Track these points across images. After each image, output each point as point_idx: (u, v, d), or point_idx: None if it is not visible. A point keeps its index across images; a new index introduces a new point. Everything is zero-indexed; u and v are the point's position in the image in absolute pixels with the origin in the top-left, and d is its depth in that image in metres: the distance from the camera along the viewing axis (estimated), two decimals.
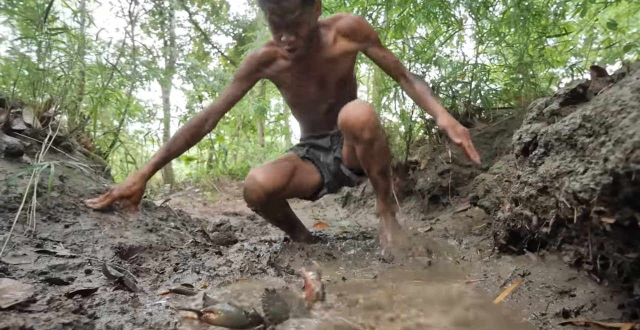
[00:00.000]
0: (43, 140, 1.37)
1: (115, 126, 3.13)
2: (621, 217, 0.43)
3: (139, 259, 1.14)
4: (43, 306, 0.53)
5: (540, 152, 0.59)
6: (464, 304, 0.81)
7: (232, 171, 6.45)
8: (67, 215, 1.19)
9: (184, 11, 7.52)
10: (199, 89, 7.60)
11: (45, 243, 0.93)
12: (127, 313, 0.62)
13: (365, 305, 0.79)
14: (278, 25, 1.14)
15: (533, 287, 0.77)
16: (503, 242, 1.03)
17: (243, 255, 1.36)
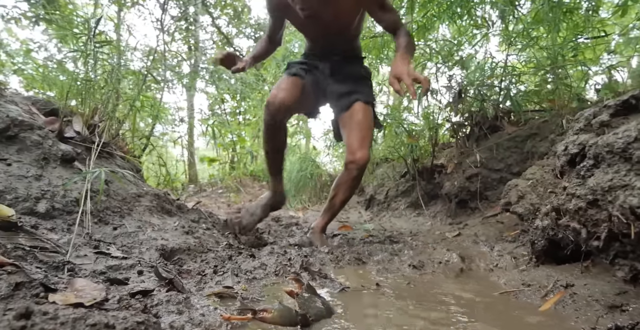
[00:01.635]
0: (90, 146, 1.46)
1: (148, 130, 3.28)
2: None
3: (180, 261, 1.20)
4: (115, 305, 0.58)
5: (590, 164, 0.58)
6: (507, 314, 0.81)
7: (254, 172, 6.57)
8: (114, 218, 1.27)
9: (207, 16, 7.73)
10: (221, 92, 7.79)
11: (100, 244, 1.00)
12: (183, 314, 0.67)
13: (404, 312, 0.80)
14: None
15: (579, 300, 0.76)
16: (542, 251, 1.02)
17: (275, 258, 1.41)
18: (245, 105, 8.44)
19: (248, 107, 8.44)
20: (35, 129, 1.23)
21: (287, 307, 0.67)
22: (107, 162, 1.73)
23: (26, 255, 0.70)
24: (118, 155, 2.07)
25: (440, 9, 2.51)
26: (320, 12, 1.44)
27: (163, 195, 1.84)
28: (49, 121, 1.46)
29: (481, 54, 2.40)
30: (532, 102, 2.00)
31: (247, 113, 8.87)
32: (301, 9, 1.41)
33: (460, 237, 1.74)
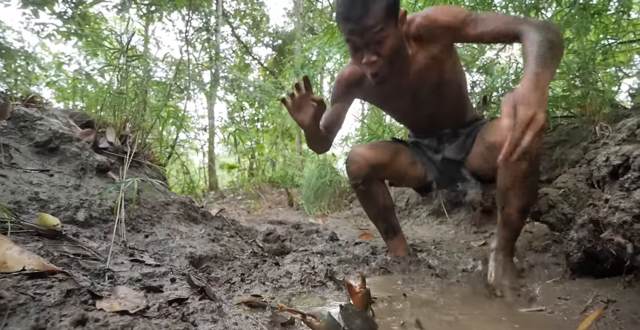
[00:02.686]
0: (122, 156, 1.53)
1: (172, 139, 3.39)
2: None
3: (208, 268, 1.23)
4: (156, 313, 0.60)
5: (635, 176, 0.57)
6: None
7: (272, 179, 6.66)
8: (145, 226, 1.32)
9: (227, 26, 7.99)
10: (240, 100, 7.98)
11: (134, 252, 1.04)
12: (217, 322, 0.69)
13: (429, 325, 0.79)
14: (357, 45, 1.02)
15: (622, 317, 0.72)
16: (577, 264, 0.98)
17: (299, 266, 1.41)
18: (263, 113, 8.60)
19: (266, 114, 8.60)
20: (74, 140, 1.31)
21: (335, 321, 0.67)
22: (137, 171, 1.81)
23: (71, 263, 0.74)
24: (146, 164, 2.15)
25: None
26: (396, 72, 1.12)
27: (189, 203, 1.89)
28: (85, 133, 1.54)
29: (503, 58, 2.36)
30: (560, 107, 1.94)
31: (265, 120, 9.03)
32: (372, 75, 1.08)
33: (486, 247, 1.69)
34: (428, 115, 1.30)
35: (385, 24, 0.98)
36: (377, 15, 0.96)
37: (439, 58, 1.13)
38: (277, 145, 8.33)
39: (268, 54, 8.84)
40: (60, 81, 5.38)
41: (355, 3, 0.97)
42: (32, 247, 0.72)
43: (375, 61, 1.02)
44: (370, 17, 0.96)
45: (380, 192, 1.37)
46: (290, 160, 7.25)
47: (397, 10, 1.02)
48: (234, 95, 7.43)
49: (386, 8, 0.98)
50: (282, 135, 8.54)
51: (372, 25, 0.97)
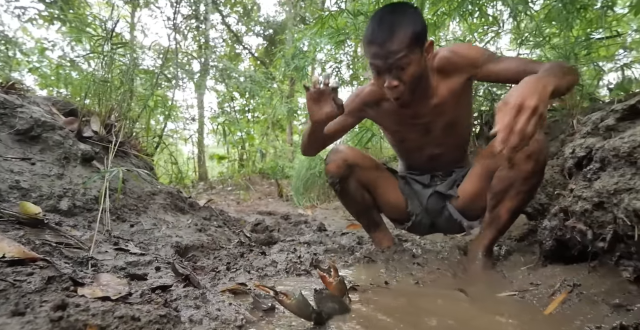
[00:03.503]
0: (107, 145, 1.52)
1: (159, 129, 3.35)
2: None
3: (194, 257, 1.24)
4: (138, 299, 0.62)
5: (596, 167, 0.60)
6: (511, 314, 0.82)
7: (262, 170, 6.65)
8: (131, 215, 1.32)
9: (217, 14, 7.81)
10: (231, 90, 7.88)
11: (119, 241, 1.05)
12: (200, 308, 0.70)
13: (408, 312, 0.82)
14: (380, 69, 1.03)
15: (585, 299, 0.77)
16: (550, 251, 1.03)
17: (285, 256, 1.44)
18: (254, 103, 8.52)
19: (257, 104, 8.52)
20: (56, 129, 1.29)
21: (306, 301, 0.70)
22: (123, 160, 1.79)
23: (53, 251, 0.75)
24: (133, 153, 2.13)
25: (451, 6, 2.49)
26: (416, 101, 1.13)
27: (176, 193, 1.89)
28: (69, 121, 1.51)
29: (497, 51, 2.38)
30: None
31: (256, 110, 8.95)
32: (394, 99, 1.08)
33: (468, 236, 1.74)
34: (431, 155, 1.32)
35: (410, 51, 0.99)
36: (402, 41, 0.97)
37: (458, 93, 1.14)
38: (268, 136, 8.30)
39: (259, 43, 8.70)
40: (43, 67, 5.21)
41: (382, 27, 0.98)
42: (12, 236, 0.72)
43: (396, 86, 1.03)
44: (395, 42, 0.97)
45: (359, 192, 1.36)
46: (281, 151, 7.24)
47: (423, 39, 1.03)
48: (223, 85, 7.32)
49: (412, 35, 0.98)
50: (273, 126, 8.50)
51: (396, 50, 0.98)
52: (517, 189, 1.06)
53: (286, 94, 7.14)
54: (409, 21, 0.99)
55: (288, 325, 0.72)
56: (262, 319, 0.76)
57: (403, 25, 0.97)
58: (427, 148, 1.31)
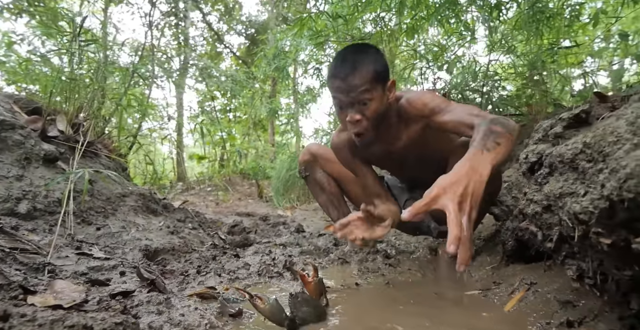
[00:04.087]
0: (74, 145, 1.46)
1: (134, 128, 3.25)
2: (617, 239, 0.47)
3: (163, 261, 1.22)
4: (95, 306, 0.60)
5: (545, 172, 0.63)
6: (474, 311, 0.86)
7: (243, 170, 6.57)
8: (98, 218, 1.28)
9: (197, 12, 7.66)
10: (211, 89, 7.75)
11: (82, 245, 1.01)
12: (163, 314, 0.69)
13: (377, 313, 0.84)
14: (342, 103, 1.04)
15: (539, 297, 0.81)
16: (511, 251, 1.07)
17: (259, 258, 1.43)
18: (235, 103, 8.41)
19: (239, 104, 8.41)
20: (17, 128, 1.23)
21: (279, 306, 0.70)
22: (92, 161, 1.73)
23: (6, 257, 0.72)
24: (104, 154, 2.06)
25: (429, 11, 2.56)
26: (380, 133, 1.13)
27: (149, 194, 1.85)
28: (32, 120, 1.45)
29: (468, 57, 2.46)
30: (512, 106, 2.07)
31: (237, 110, 8.84)
32: (355, 135, 1.09)
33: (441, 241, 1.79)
34: (411, 177, 1.39)
35: (371, 87, 1.01)
36: (363, 77, 1.00)
37: (421, 136, 1.16)
38: (250, 137, 8.21)
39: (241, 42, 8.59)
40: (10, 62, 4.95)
41: (345, 64, 1.01)
42: None
43: (359, 120, 1.03)
44: (356, 77, 1.00)
45: (325, 180, 1.43)
46: (263, 151, 7.18)
47: (385, 77, 1.06)
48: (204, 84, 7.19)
49: (374, 71, 1.01)
50: (255, 126, 8.42)
51: (358, 85, 1.00)
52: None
53: (268, 94, 7.09)
54: (370, 59, 1.02)
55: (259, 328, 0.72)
56: (228, 324, 0.76)
57: (365, 63, 1.01)
58: (405, 173, 1.39)
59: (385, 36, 2.84)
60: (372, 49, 1.08)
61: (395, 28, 2.93)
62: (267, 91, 7.22)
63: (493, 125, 0.84)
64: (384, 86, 1.06)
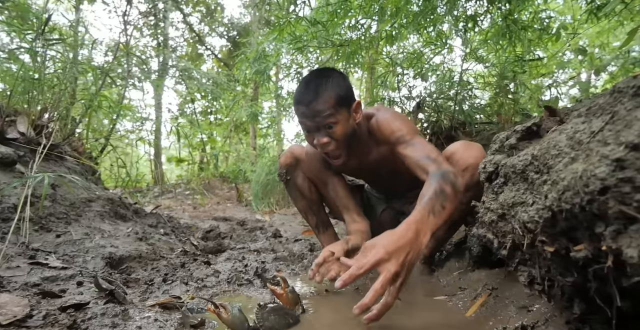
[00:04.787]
0: (37, 148, 1.39)
1: (107, 130, 3.14)
2: (559, 247, 0.49)
3: (128, 269, 1.17)
4: (39, 321, 0.57)
5: (501, 181, 0.65)
6: (438, 316, 0.87)
7: (224, 174, 6.46)
8: (59, 225, 1.22)
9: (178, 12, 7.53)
10: (192, 91, 7.61)
11: (37, 254, 0.96)
12: (117, 327, 0.67)
13: (344, 320, 0.84)
14: (310, 127, 1.07)
15: (499, 302, 0.83)
16: (477, 257, 1.10)
17: (231, 264, 1.41)
18: (217, 105, 8.28)
19: (220, 107, 8.29)
20: None
21: (242, 316, 0.69)
22: (57, 164, 1.66)
23: None
24: (74, 156, 1.98)
25: (408, 19, 2.62)
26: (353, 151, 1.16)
27: (118, 199, 1.78)
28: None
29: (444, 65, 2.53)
30: (484, 114, 2.14)
31: (218, 113, 8.71)
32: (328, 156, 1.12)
33: None
34: (386, 186, 1.43)
35: (335, 111, 1.04)
36: (326, 102, 1.03)
37: (391, 154, 1.16)
38: (232, 139, 8.10)
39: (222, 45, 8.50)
40: None
41: (308, 90, 1.05)
42: None
43: (326, 142, 1.06)
44: (319, 103, 1.03)
45: (306, 185, 1.40)
46: (245, 154, 7.10)
47: (349, 99, 1.08)
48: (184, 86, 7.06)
49: (336, 96, 1.04)
50: (237, 129, 8.31)
51: (322, 110, 1.03)
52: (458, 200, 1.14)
53: (250, 97, 7.03)
54: (333, 84, 1.05)
55: None
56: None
57: (327, 88, 1.04)
58: (379, 185, 1.43)
59: (366, 42, 2.88)
60: (334, 73, 1.10)
61: (376, 35, 2.98)
62: (249, 94, 7.17)
63: (444, 182, 0.88)
64: (349, 108, 1.08)
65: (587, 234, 0.43)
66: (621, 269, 0.38)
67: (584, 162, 0.43)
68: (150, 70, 6.15)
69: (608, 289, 0.43)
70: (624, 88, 0.44)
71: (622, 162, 0.37)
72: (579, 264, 0.46)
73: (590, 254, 0.43)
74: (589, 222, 0.42)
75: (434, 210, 0.82)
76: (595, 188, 0.39)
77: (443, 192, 0.86)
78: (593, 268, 0.43)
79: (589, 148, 0.44)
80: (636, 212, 0.36)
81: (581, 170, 0.42)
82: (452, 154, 1.12)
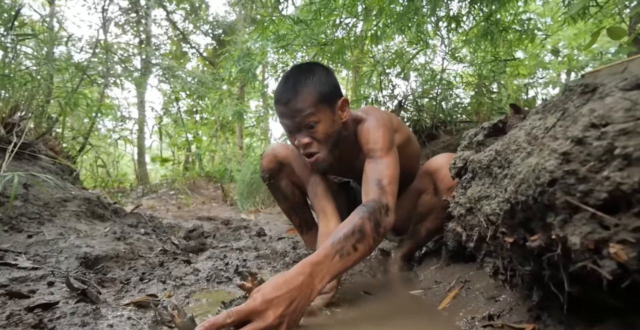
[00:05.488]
0: (7, 147, 1.35)
1: (85, 129, 3.05)
2: (517, 237, 0.51)
3: (104, 269, 1.15)
4: (2, 321, 0.55)
5: (469, 176, 0.67)
6: (412, 309, 0.89)
7: (210, 173, 6.39)
8: (31, 225, 1.18)
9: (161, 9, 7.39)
10: (177, 90, 7.48)
11: (6, 255, 0.93)
12: (87, 325, 0.66)
13: (321, 313, 0.85)
14: (290, 127, 1.00)
15: (470, 293, 0.86)
16: (453, 251, 1.13)
17: (212, 263, 1.40)
18: (202, 104, 8.17)
19: (206, 105, 8.18)
20: None
21: (193, 325, 0.65)
22: (30, 164, 1.61)
23: None
24: (49, 155, 1.92)
25: (392, 19, 2.65)
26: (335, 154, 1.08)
27: (96, 199, 1.74)
28: None
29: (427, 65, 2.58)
30: (463, 114, 2.19)
31: (204, 112, 8.60)
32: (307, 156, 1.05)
33: (392, 246, 1.84)
34: None
35: (316, 109, 0.97)
36: (306, 100, 0.96)
37: None
38: (218, 139, 8.01)
39: (207, 43, 8.39)
40: None
41: (287, 87, 0.97)
42: None
43: (308, 143, 1.00)
44: (299, 101, 0.95)
45: (289, 189, 1.38)
46: (231, 154, 7.03)
47: (333, 96, 1.01)
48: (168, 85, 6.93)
49: (317, 94, 0.97)
50: (223, 128, 8.23)
51: (301, 109, 0.96)
52: (436, 215, 1.16)
53: (236, 96, 6.97)
54: (315, 81, 0.98)
55: None
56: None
57: (308, 85, 0.97)
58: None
59: (350, 42, 2.91)
60: (318, 68, 1.03)
61: (361, 34, 3.01)
62: (235, 93, 7.10)
63: (367, 219, 0.82)
64: (333, 106, 1.01)
65: (540, 224, 0.46)
66: (568, 255, 0.41)
67: (537, 156, 0.45)
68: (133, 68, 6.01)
69: (560, 276, 0.45)
70: (574, 86, 0.46)
71: (568, 155, 0.39)
72: (534, 253, 0.48)
73: (543, 243, 0.46)
74: (542, 212, 0.44)
75: (343, 252, 0.76)
76: (545, 180, 0.41)
77: (362, 231, 0.80)
78: (546, 256, 0.45)
79: (542, 143, 0.46)
80: (580, 202, 0.38)
81: (534, 164, 0.44)
82: (436, 172, 1.10)
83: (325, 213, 1.18)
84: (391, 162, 0.99)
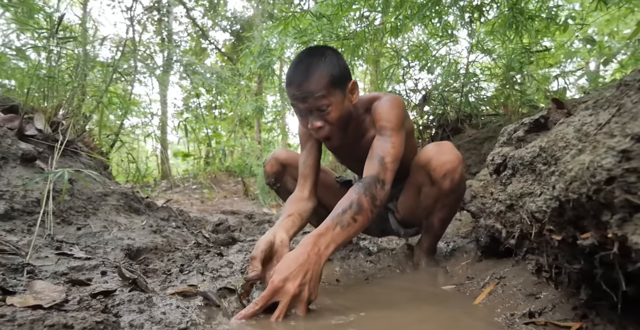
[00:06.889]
0: (54, 144, 1.44)
1: (116, 125, 3.18)
2: (566, 235, 0.52)
3: (146, 260, 1.22)
4: (75, 306, 0.61)
5: (509, 173, 0.67)
6: (446, 305, 0.90)
7: (229, 168, 6.52)
8: (79, 218, 1.26)
9: (181, 7, 7.51)
10: (197, 86, 7.63)
11: (62, 245, 1.01)
12: (144, 312, 0.71)
13: (353, 308, 0.87)
14: (301, 110, 1.01)
15: (506, 290, 0.86)
16: (485, 247, 1.13)
17: (243, 256, 1.45)
18: (221, 100, 8.31)
19: (225, 101, 8.31)
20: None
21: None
22: (72, 160, 1.70)
23: None
24: (85, 152, 2.02)
25: (412, 11, 2.60)
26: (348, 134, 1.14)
27: (131, 193, 1.83)
28: (8, 119, 1.41)
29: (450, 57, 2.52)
30: (489, 107, 2.14)
31: (223, 107, 8.75)
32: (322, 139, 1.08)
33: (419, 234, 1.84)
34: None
35: (328, 92, 0.97)
36: (318, 82, 0.96)
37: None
38: (237, 134, 8.14)
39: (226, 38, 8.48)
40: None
41: (299, 70, 0.98)
42: None
43: (320, 127, 1.01)
44: (311, 83, 0.96)
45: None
46: (250, 149, 7.14)
47: (344, 79, 1.02)
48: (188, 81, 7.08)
49: (329, 76, 0.97)
50: (241, 123, 8.34)
51: (313, 91, 0.96)
52: (442, 203, 1.18)
53: (254, 91, 7.04)
54: (326, 63, 0.98)
55: None
56: (210, 321, 0.78)
57: (319, 67, 0.97)
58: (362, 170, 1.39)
59: (370, 35, 2.88)
60: (328, 50, 1.03)
61: (380, 27, 2.97)
62: (253, 88, 7.17)
63: (364, 193, 0.89)
64: (344, 89, 1.02)
65: (593, 223, 0.46)
66: (626, 255, 0.41)
67: (591, 153, 0.45)
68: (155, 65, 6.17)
69: (614, 275, 0.45)
70: (631, 81, 0.46)
71: (628, 153, 0.39)
72: (585, 251, 0.48)
73: (596, 241, 0.46)
74: (596, 210, 0.44)
75: (343, 223, 0.85)
76: (602, 178, 0.41)
77: (359, 204, 0.88)
78: (599, 255, 0.46)
79: (596, 140, 0.46)
80: None
81: (588, 161, 0.44)
82: (428, 163, 1.12)
83: (306, 179, 1.20)
84: (397, 142, 1.03)
